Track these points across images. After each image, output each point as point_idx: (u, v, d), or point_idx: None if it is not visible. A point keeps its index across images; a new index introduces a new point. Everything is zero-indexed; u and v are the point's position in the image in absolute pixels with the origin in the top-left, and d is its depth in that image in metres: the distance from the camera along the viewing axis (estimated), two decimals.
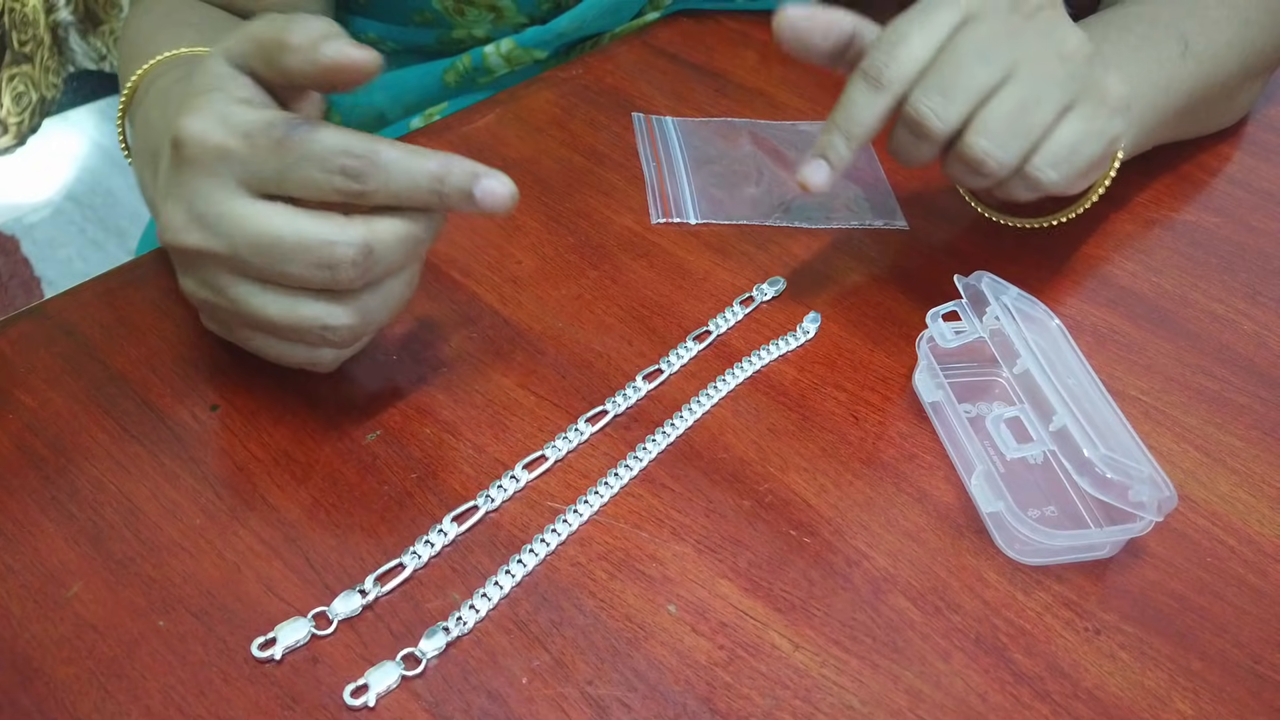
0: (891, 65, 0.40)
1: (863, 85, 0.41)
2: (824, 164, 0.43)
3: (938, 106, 0.40)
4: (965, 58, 0.40)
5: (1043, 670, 0.35)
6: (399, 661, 0.33)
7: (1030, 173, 0.42)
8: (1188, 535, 0.40)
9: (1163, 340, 0.48)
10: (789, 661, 0.35)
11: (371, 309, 0.36)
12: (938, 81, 0.40)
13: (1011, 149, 0.41)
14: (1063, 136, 0.42)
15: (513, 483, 0.39)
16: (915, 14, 0.41)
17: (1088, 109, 0.42)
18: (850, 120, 0.41)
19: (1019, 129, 0.41)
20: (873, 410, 0.43)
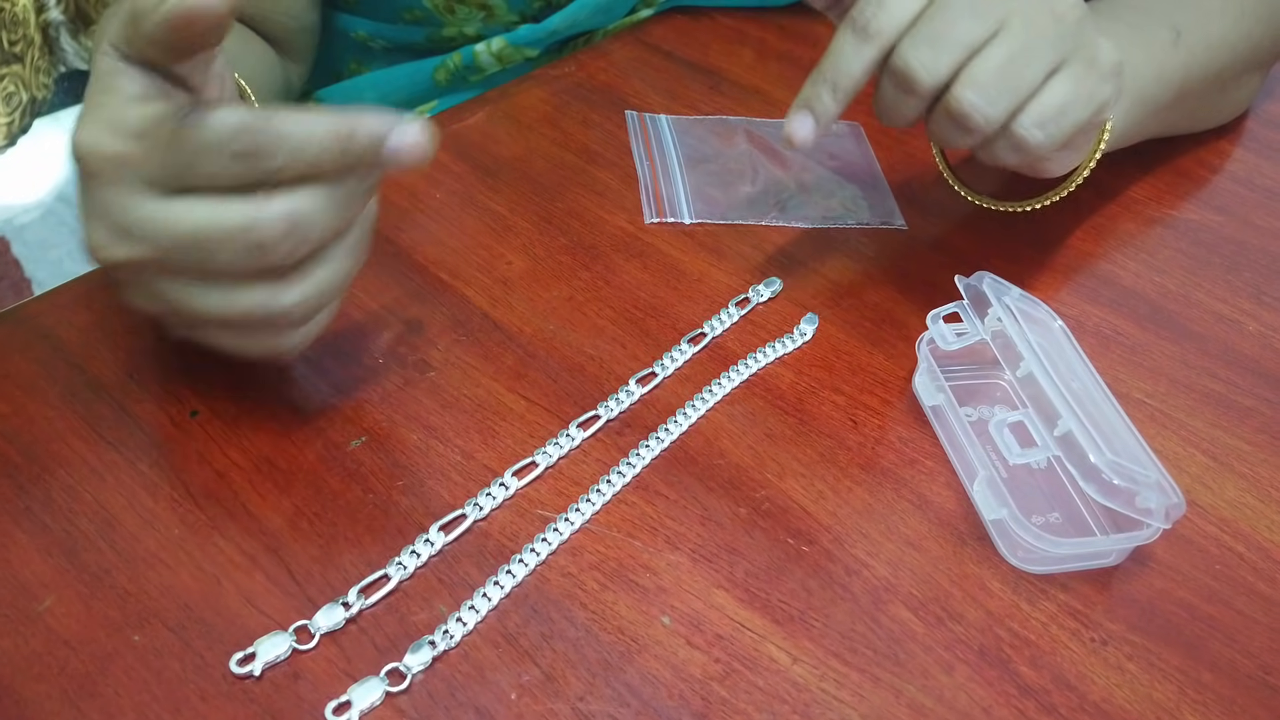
0: (881, 15, 0.39)
1: (850, 35, 0.40)
2: (808, 116, 0.41)
3: (925, 58, 0.39)
4: (956, 10, 0.39)
5: (1048, 682, 0.34)
6: (383, 677, 0.32)
7: (1016, 131, 0.40)
8: (1195, 542, 0.39)
9: (1167, 342, 0.47)
10: (787, 675, 0.34)
11: (319, 281, 0.35)
12: (927, 32, 0.39)
13: (999, 104, 0.39)
14: (1051, 96, 0.40)
15: (502, 490, 0.38)
16: None
17: (1078, 69, 0.41)
18: (837, 70, 0.40)
19: (1008, 84, 0.39)
20: (872, 414, 0.42)
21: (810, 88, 0.41)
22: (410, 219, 0.50)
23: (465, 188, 0.52)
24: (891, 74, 0.40)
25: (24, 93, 1.72)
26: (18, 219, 1.66)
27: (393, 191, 0.51)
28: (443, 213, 0.50)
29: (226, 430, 0.39)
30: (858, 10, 0.40)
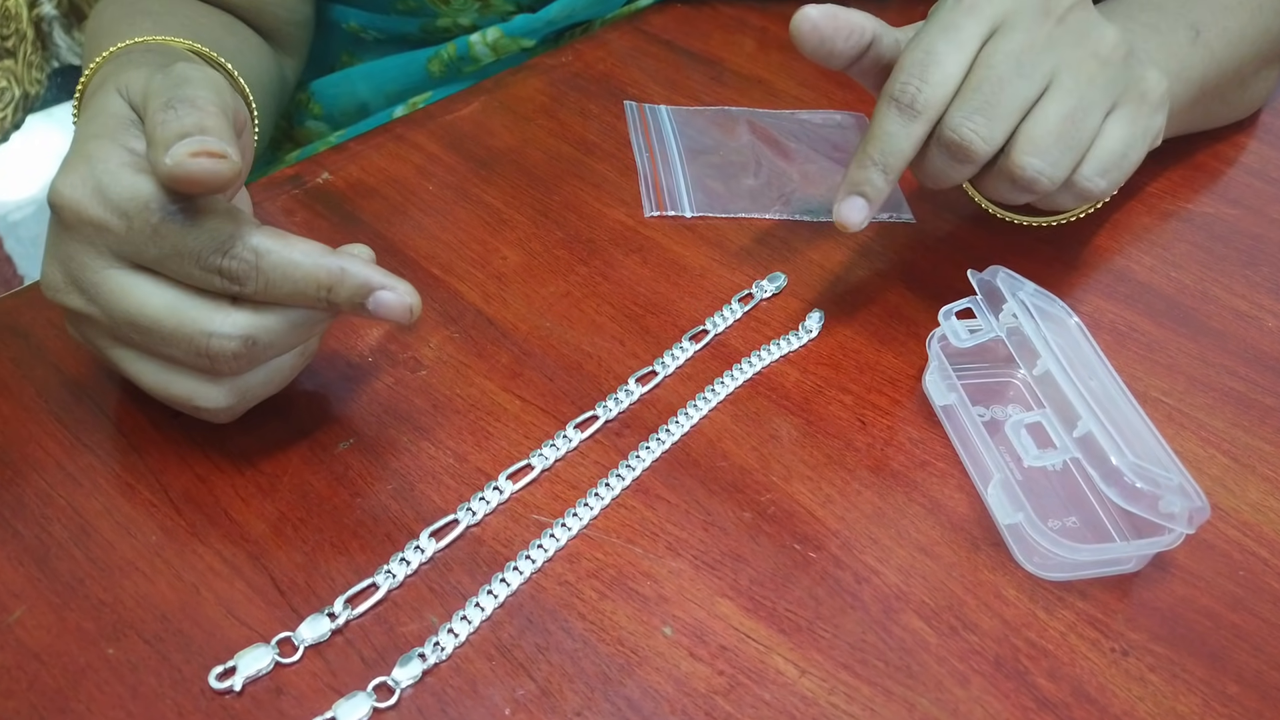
0: (925, 89, 0.38)
1: (895, 113, 0.38)
2: (861, 200, 0.40)
3: (980, 128, 0.38)
4: (1003, 73, 0.38)
5: (1068, 695, 0.33)
6: (370, 692, 0.31)
7: (1079, 183, 0.40)
8: (1217, 547, 0.37)
9: (1184, 339, 0.46)
10: (795, 688, 0.32)
11: (251, 386, 0.34)
12: (978, 101, 0.38)
13: (1063, 164, 0.39)
14: (1110, 142, 0.40)
15: (496, 494, 0.37)
16: (940, 28, 0.38)
17: (1130, 109, 0.40)
18: (886, 152, 0.39)
19: (1068, 142, 0.39)
20: (880, 414, 0.41)
21: (860, 171, 0.39)
22: (401, 212, 0.48)
23: (458, 180, 0.50)
24: (944, 145, 0.39)
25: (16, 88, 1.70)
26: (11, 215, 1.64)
27: (383, 184, 0.50)
28: (435, 206, 0.48)
29: (208, 432, 0.38)
30: (898, 86, 0.38)
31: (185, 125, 0.30)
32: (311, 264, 0.32)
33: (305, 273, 0.32)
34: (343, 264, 0.32)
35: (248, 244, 0.31)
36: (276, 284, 0.32)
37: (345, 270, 0.32)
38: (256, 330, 0.32)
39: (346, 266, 0.32)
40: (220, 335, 0.32)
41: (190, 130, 0.30)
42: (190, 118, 0.30)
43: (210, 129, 0.30)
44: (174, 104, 0.31)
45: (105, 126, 0.33)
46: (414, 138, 0.53)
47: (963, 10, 0.38)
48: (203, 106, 0.31)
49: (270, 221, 0.47)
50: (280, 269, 0.32)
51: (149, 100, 0.32)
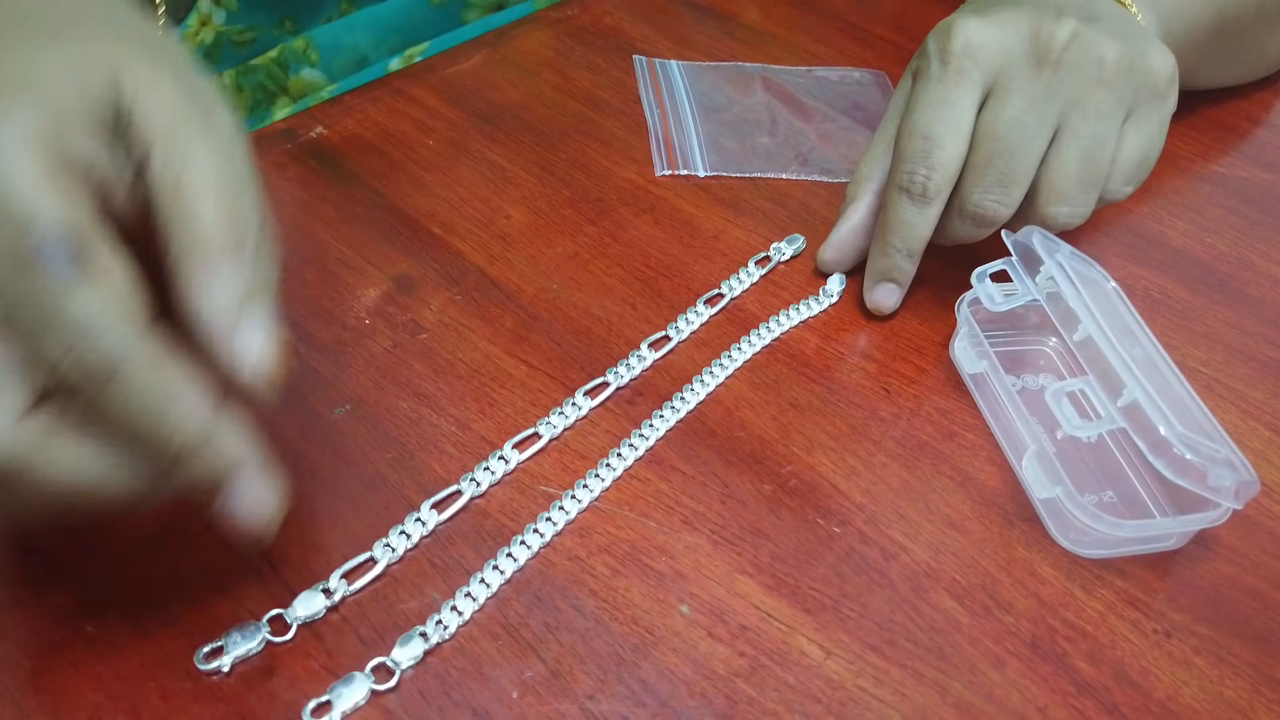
0: (934, 175, 0.37)
1: (908, 203, 0.38)
2: (893, 285, 0.40)
3: (1001, 198, 0.37)
4: (1012, 141, 0.37)
5: (1109, 679, 0.31)
6: (368, 673, 0.29)
7: (1107, 198, 0.39)
8: (1261, 523, 0.36)
9: (1221, 307, 0.43)
10: (820, 671, 0.30)
11: None
12: (993, 175, 0.37)
13: (1090, 200, 0.38)
14: (1129, 155, 0.39)
15: (501, 464, 0.34)
16: (931, 105, 0.37)
17: (1143, 112, 0.39)
18: (907, 239, 0.39)
19: (1090, 180, 0.38)
20: (906, 383, 0.39)
21: (885, 260, 0.39)
22: (400, 169, 0.46)
23: (460, 136, 0.48)
24: (967, 218, 0.38)
25: None
26: None
27: (380, 139, 0.47)
28: (435, 163, 0.46)
29: None
30: (905, 178, 0.38)
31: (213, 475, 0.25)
32: (185, 406, 0.24)
33: (171, 414, 0.23)
34: (216, 426, 0.24)
35: (112, 344, 0.23)
36: (123, 411, 0.23)
37: (214, 438, 0.24)
38: (43, 457, 0.23)
39: (219, 433, 0.24)
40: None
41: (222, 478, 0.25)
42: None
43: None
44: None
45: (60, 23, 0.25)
46: (413, 92, 0.50)
47: (951, 80, 0.37)
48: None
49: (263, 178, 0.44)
50: (136, 398, 0.23)
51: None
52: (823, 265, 0.42)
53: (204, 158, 0.25)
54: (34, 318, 0.22)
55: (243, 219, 0.26)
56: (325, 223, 0.43)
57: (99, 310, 0.23)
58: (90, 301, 0.22)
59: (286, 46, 0.62)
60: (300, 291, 0.40)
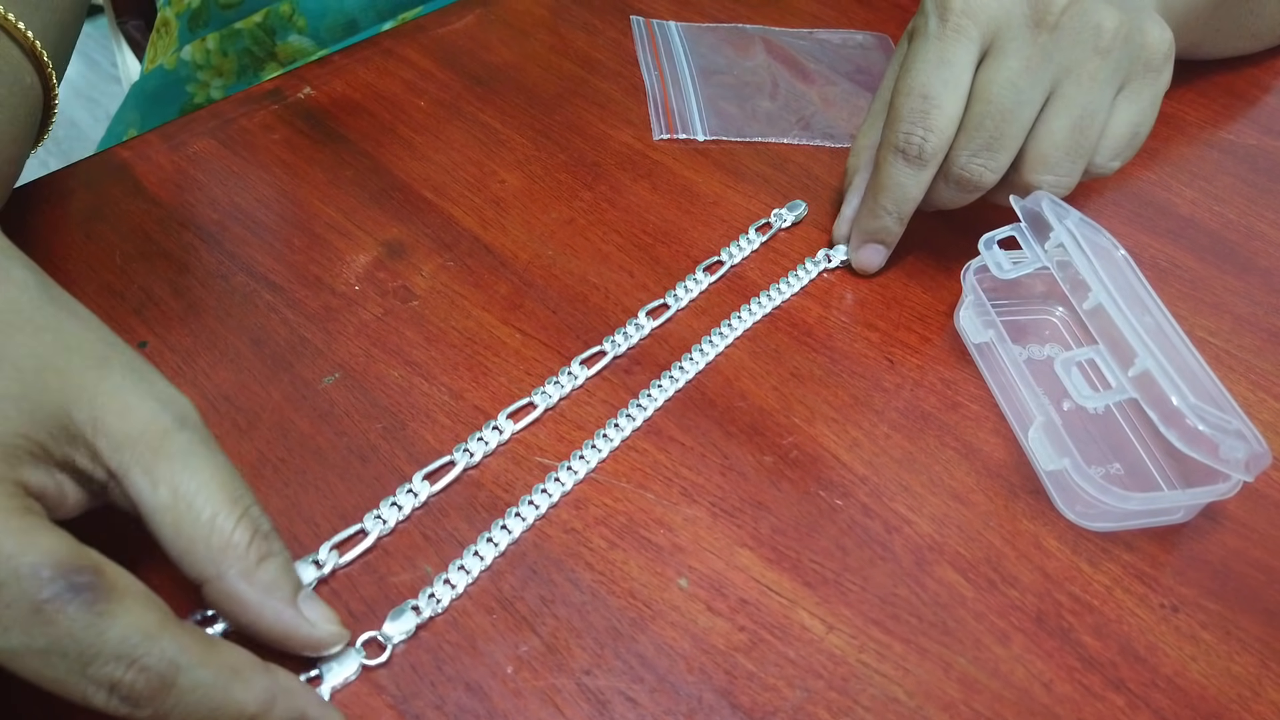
0: (930, 137, 0.36)
1: (903, 164, 0.37)
2: (880, 246, 0.40)
3: (989, 162, 0.36)
4: (1004, 105, 0.35)
5: (1115, 654, 0.30)
6: (359, 648, 0.28)
7: (1093, 171, 0.38)
8: (1270, 496, 0.35)
9: (1230, 276, 0.43)
10: (821, 646, 0.30)
11: None
12: (983, 138, 0.36)
13: (1076, 170, 0.37)
14: (1120, 127, 0.38)
15: (495, 435, 0.34)
16: (929, 63, 0.36)
17: (1136, 85, 0.38)
18: (898, 202, 0.38)
19: (1078, 151, 0.37)
20: (909, 352, 0.38)
21: (874, 220, 0.39)
22: (390, 131, 0.44)
23: (452, 97, 0.46)
24: (953, 181, 0.37)
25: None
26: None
27: (370, 101, 0.46)
28: (427, 125, 0.45)
29: (181, 364, 0.34)
30: (901, 137, 0.36)
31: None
32: (240, 686, 0.24)
33: (230, 699, 0.24)
34: (275, 682, 0.25)
35: (163, 652, 0.22)
36: (191, 708, 0.23)
37: (279, 691, 0.25)
38: None
39: (281, 684, 0.25)
40: None
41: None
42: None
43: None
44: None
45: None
46: (403, 52, 0.49)
47: (949, 37, 0.36)
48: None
49: (248, 140, 0.43)
50: (199, 692, 0.23)
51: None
52: (838, 239, 0.41)
53: (202, 471, 0.26)
54: (79, 654, 0.22)
55: (257, 517, 0.26)
56: (313, 186, 0.41)
57: (137, 624, 0.22)
58: (126, 617, 0.22)
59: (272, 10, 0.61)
60: (288, 257, 0.39)
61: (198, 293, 0.37)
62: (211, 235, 0.39)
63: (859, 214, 0.40)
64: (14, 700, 0.27)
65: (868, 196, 0.39)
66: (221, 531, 0.25)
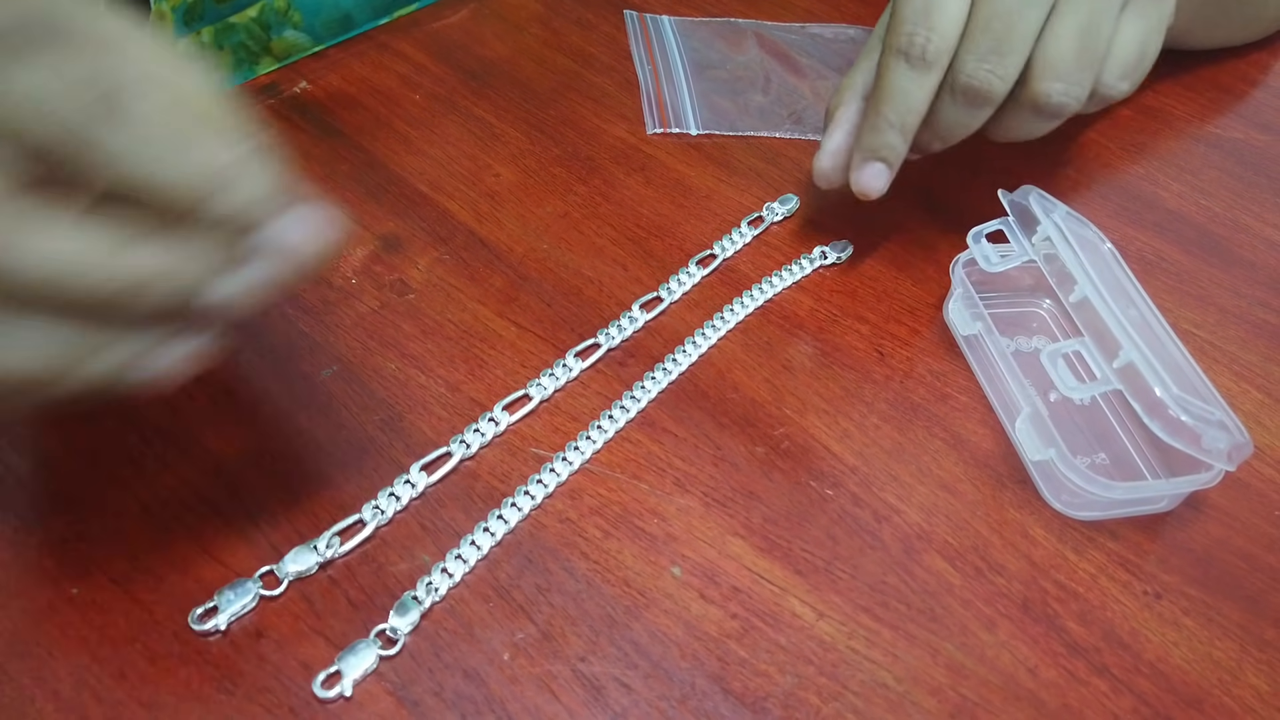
0: (935, 37, 0.35)
1: (905, 67, 0.35)
2: (881, 165, 0.37)
3: (996, 68, 0.35)
4: (1009, 6, 0.35)
5: (1099, 640, 0.31)
6: (374, 639, 0.28)
7: (1101, 91, 0.37)
8: (1252, 486, 0.36)
9: (1215, 269, 0.43)
10: (812, 632, 0.30)
11: None
12: (989, 41, 0.35)
13: (1085, 82, 0.36)
14: (1127, 43, 0.37)
15: (491, 426, 0.34)
16: None
17: (1141, 5, 0.37)
18: (902, 109, 0.36)
19: (1087, 57, 0.36)
20: (899, 345, 0.38)
21: (875, 135, 0.37)
22: (385, 125, 0.45)
23: (447, 92, 0.47)
24: (959, 93, 0.36)
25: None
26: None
27: (365, 95, 0.46)
28: (422, 119, 0.45)
29: None
30: (904, 38, 0.35)
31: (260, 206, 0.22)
32: (204, 151, 0.21)
33: (191, 158, 0.21)
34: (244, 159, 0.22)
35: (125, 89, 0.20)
36: (137, 165, 0.21)
37: (250, 167, 0.22)
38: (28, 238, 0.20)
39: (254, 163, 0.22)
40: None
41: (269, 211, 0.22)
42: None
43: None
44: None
45: None
46: (398, 46, 0.49)
47: None
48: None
49: None
50: (158, 142, 0.21)
51: None
52: (820, 175, 0.39)
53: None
54: None
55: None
56: (309, 180, 0.42)
57: None
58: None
59: (267, 5, 0.61)
60: None
61: None
62: None
63: (860, 131, 0.38)
64: None
65: (870, 110, 0.37)
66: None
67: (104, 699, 0.27)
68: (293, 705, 0.27)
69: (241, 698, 0.27)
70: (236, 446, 0.33)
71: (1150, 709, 0.29)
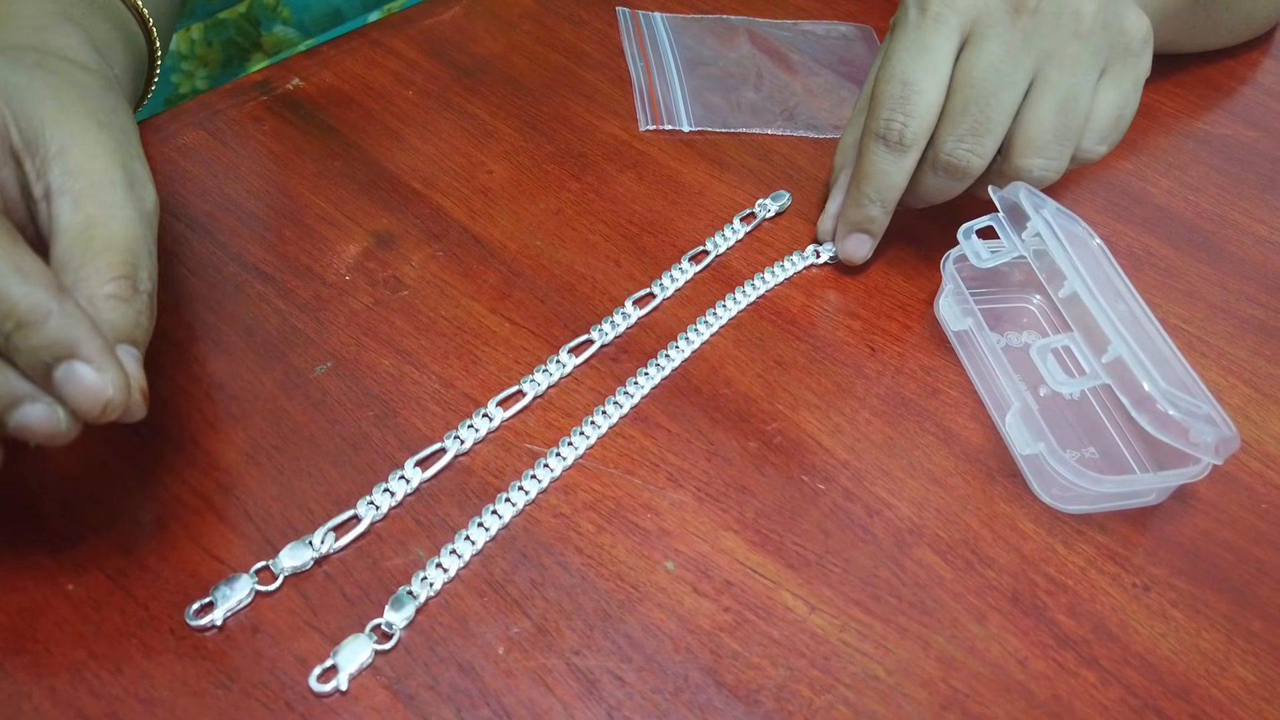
0: (911, 122, 0.36)
1: (884, 151, 0.37)
2: (865, 236, 0.40)
3: (975, 147, 0.37)
4: (988, 88, 0.36)
5: (1088, 632, 0.31)
6: (370, 634, 0.29)
7: (1081, 156, 0.39)
8: (1239, 479, 0.36)
9: (1203, 264, 0.44)
10: (804, 625, 0.30)
11: None
12: (968, 123, 0.36)
13: (1064, 155, 0.38)
14: (1104, 110, 0.38)
15: (485, 422, 0.34)
16: (911, 52, 0.36)
17: (1118, 70, 0.38)
18: (881, 190, 0.38)
19: (1064, 133, 0.37)
20: (890, 340, 0.39)
21: (858, 210, 0.39)
22: (378, 122, 0.45)
23: (440, 89, 0.47)
24: (940, 169, 0.38)
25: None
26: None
27: (358, 92, 0.46)
28: (415, 115, 0.45)
29: (174, 354, 0.35)
30: (882, 124, 0.37)
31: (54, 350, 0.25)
32: (22, 286, 0.24)
33: (17, 281, 0.24)
34: (58, 307, 0.24)
35: None
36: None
37: (54, 312, 0.24)
38: None
39: (61, 311, 0.24)
40: None
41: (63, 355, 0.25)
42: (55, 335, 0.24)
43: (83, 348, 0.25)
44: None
45: None
46: (391, 43, 0.49)
47: (929, 26, 0.36)
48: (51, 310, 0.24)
49: (237, 131, 0.44)
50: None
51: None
52: (823, 235, 0.41)
53: (120, 219, 0.27)
54: None
55: (138, 277, 0.27)
56: (303, 177, 0.42)
57: None
58: None
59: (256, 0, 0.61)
60: (279, 248, 0.39)
61: (190, 283, 0.37)
62: (202, 226, 0.39)
63: (845, 204, 0.40)
64: None
65: (852, 186, 0.39)
66: (98, 261, 0.26)
67: (101, 694, 0.27)
68: (289, 699, 0.27)
69: (238, 692, 0.27)
70: (231, 443, 0.33)
71: (1138, 700, 0.30)
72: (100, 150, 0.28)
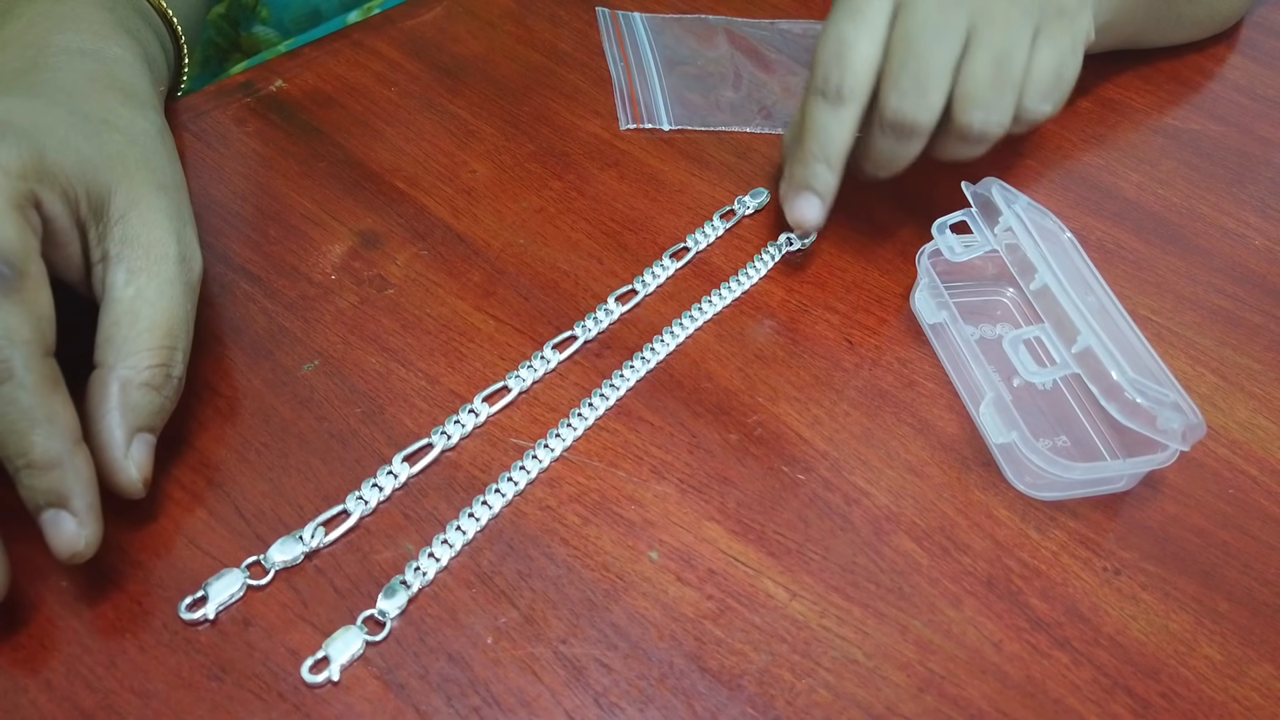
0: (848, 75, 0.37)
1: (824, 104, 0.38)
2: (814, 196, 0.39)
3: (918, 103, 0.37)
4: (923, 44, 0.37)
5: (1061, 615, 0.32)
6: (361, 625, 0.29)
7: (1025, 115, 0.39)
8: (1207, 465, 0.37)
9: (1172, 257, 0.45)
10: (785, 612, 0.31)
11: None
12: (907, 78, 0.37)
13: (1005, 108, 0.38)
14: (1043, 68, 0.39)
15: (471, 417, 0.35)
16: (846, 15, 0.38)
17: (1054, 28, 0.39)
18: (825, 144, 0.38)
19: (1004, 85, 0.38)
20: (868, 334, 0.40)
21: (803, 168, 0.39)
22: (362, 123, 0.45)
23: (422, 89, 0.47)
24: (887, 127, 0.38)
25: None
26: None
27: (341, 93, 0.47)
28: (397, 115, 0.46)
29: None
30: (819, 76, 0.38)
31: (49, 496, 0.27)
32: (53, 432, 0.26)
33: (39, 431, 0.26)
34: (70, 459, 0.26)
35: (9, 358, 0.26)
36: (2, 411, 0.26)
37: (63, 466, 0.26)
38: None
39: (70, 466, 0.26)
40: None
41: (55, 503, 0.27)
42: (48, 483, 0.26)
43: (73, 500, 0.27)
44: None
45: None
46: (373, 44, 0.49)
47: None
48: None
49: (221, 133, 0.44)
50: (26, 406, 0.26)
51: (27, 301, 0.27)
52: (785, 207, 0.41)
53: (169, 295, 0.30)
54: None
55: (173, 362, 0.30)
56: (288, 178, 0.42)
57: (15, 325, 0.26)
58: (10, 315, 0.26)
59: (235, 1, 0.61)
60: (265, 248, 0.39)
61: None
62: None
63: (789, 166, 0.40)
64: None
65: (796, 145, 0.40)
66: (141, 341, 0.29)
67: (96, 687, 0.27)
68: (281, 690, 0.28)
69: (231, 684, 0.28)
70: (221, 441, 0.33)
71: (1109, 679, 0.31)
72: (158, 218, 0.30)
